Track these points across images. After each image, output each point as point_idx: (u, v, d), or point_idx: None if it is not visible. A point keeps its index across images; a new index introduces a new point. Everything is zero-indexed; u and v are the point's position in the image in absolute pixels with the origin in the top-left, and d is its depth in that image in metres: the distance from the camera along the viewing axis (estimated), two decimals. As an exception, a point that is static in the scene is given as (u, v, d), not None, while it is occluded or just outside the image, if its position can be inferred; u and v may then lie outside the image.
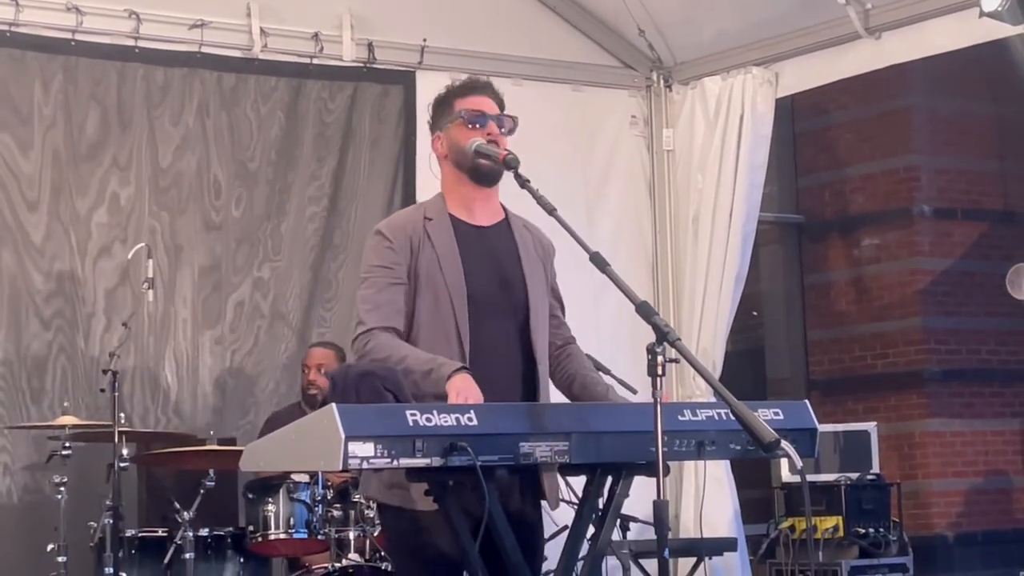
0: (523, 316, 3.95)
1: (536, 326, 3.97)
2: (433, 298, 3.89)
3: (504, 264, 3.99)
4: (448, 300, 3.88)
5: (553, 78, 8.08)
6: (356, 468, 3.32)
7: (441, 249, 3.92)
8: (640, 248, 8.26)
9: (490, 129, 3.98)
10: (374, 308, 3.89)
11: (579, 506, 3.88)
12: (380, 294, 3.90)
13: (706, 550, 7.45)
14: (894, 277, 10.07)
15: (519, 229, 4.08)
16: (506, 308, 3.94)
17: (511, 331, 3.94)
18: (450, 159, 4.03)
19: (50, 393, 6.75)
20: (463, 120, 3.98)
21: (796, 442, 3.64)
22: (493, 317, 3.92)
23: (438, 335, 3.87)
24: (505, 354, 3.92)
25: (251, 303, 7.28)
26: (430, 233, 3.94)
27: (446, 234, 3.95)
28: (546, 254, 4.12)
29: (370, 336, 3.86)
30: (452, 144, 4.01)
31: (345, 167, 7.56)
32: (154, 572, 6.10)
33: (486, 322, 3.90)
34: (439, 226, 3.96)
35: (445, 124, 4.03)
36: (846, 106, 10.24)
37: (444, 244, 3.93)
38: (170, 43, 7.15)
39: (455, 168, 4.02)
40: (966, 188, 10.25)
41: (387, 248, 3.93)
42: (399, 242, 3.93)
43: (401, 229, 3.96)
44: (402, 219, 4.04)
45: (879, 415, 9.66)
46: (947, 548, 9.72)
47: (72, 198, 6.91)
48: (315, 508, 6.13)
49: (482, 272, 3.94)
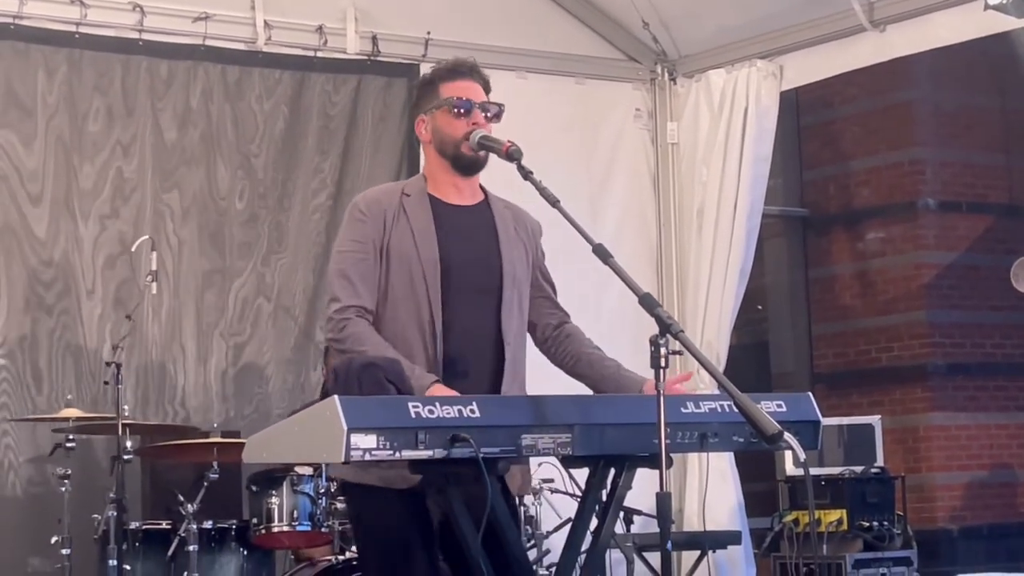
0: (497, 294, 3.95)
1: (508, 304, 3.95)
2: (407, 272, 3.89)
3: (480, 242, 3.98)
4: (421, 274, 3.88)
5: (557, 71, 8.08)
6: (359, 460, 3.32)
7: (417, 224, 3.92)
8: (644, 241, 8.26)
9: (475, 118, 3.97)
10: (348, 284, 3.89)
11: (582, 499, 3.87)
12: (353, 269, 3.91)
13: (710, 543, 7.45)
14: (899, 271, 10.06)
15: (499, 209, 4.07)
16: (480, 285, 3.94)
17: (484, 308, 3.93)
18: (433, 144, 4.02)
19: (54, 386, 6.75)
20: (448, 107, 3.96)
21: (799, 434, 3.63)
22: (466, 293, 3.91)
23: (409, 308, 3.87)
24: (476, 330, 3.91)
25: (255, 296, 7.28)
26: (407, 208, 3.94)
27: (423, 210, 3.95)
28: (530, 234, 4.09)
29: (346, 320, 3.85)
30: (436, 130, 4.00)
31: (349, 160, 7.56)
32: (158, 564, 6.10)
33: (459, 297, 3.89)
34: (416, 202, 3.96)
35: (430, 108, 4.01)
36: (851, 99, 10.23)
37: (420, 219, 3.93)
38: (174, 36, 7.14)
39: (437, 154, 4.01)
40: (971, 182, 10.24)
41: (359, 221, 3.95)
42: (372, 215, 3.94)
43: (376, 203, 3.97)
44: (379, 193, 4.05)
45: (883, 408, 9.66)
46: (951, 542, 9.72)
47: (76, 191, 6.92)
48: (319, 501, 6.13)
49: (457, 248, 3.93)
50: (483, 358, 3.92)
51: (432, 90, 4.03)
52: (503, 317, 3.94)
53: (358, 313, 3.87)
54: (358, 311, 3.87)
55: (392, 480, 3.75)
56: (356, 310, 3.87)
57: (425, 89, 4.06)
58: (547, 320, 4.10)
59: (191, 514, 6.01)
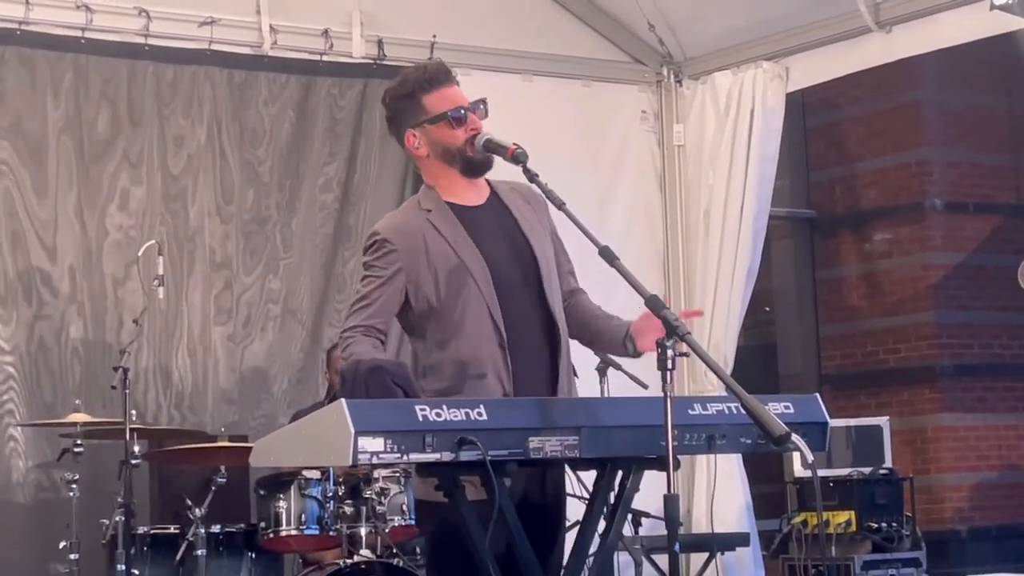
0: (537, 284, 3.93)
1: (551, 292, 3.94)
2: (459, 284, 3.85)
3: (509, 236, 3.97)
4: (474, 284, 3.85)
5: (563, 74, 8.09)
6: (366, 463, 3.32)
7: (452, 236, 3.89)
8: (651, 243, 8.26)
9: (472, 122, 3.94)
10: (364, 307, 3.88)
11: (589, 501, 3.87)
12: (376, 292, 3.88)
13: (718, 545, 7.45)
14: (906, 272, 10.05)
15: (509, 197, 4.04)
16: (522, 279, 3.92)
17: (531, 301, 3.92)
18: (434, 158, 3.96)
19: (62, 390, 6.76)
20: (448, 122, 3.91)
21: (807, 436, 3.63)
22: (513, 290, 3.90)
23: (473, 324, 3.83)
24: (530, 324, 3.89)
25: (263, 300, 7.29)
26: (435, 223, 3.91)
27: (450, 221, 3.92)
28: (538, 208, 4.06)
29: (352, 339, 3.84)
30: (435, 143, 3.94)
31: (355, 164, 7.57)
32: (166, 569, 6.11)
33: (510, 297, 3.88)
34: (441, 215, 3.92)
35: (418, 122, 3.94)
36: (857, 100, 10.22)
37: (454, 233, 3.90)
38: (180, 41, 7.16)
39: (442, 163, 3.96)
40: (978, 182, 10.22)
41: (389, 251, 3.88)
42: (401, 243, 3.88)
43: (403, 228, 3.91)
44: (400, 219, 3.98)
45: (891, 410, 9.64)
46: (960, 542, 9.70)
47: (83, 196, 6.93)
48: (327, 504, 6.13)
49: (494, 250, 3.92)
50: (540, 347, 3.91)
51: (414, 103, 3.95)
52: (550, 302, 3.93)
53: (365, 332, 3.85)
54: (365, 330, 3.85)
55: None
56: (363, 329, 3.85)
57: (405, 103, 3.97)
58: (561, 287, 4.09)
59: (199, 518, 6.02)
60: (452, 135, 3.93)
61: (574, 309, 4.09)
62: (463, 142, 3.93)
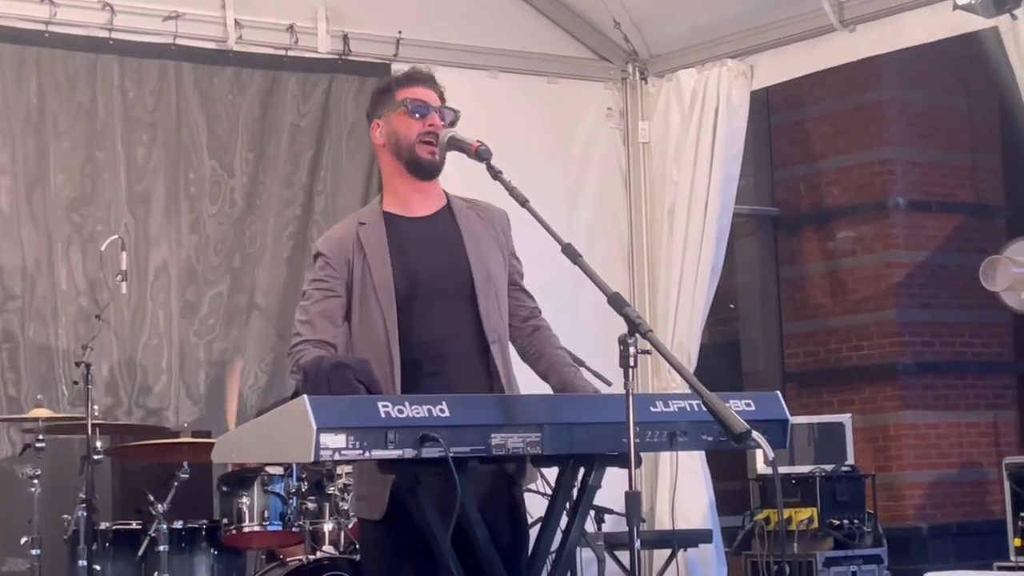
0: (471, 297, 3.95)
1: (486, 304, 3.95)
2: (366, 301, 3.91)
3: (444, 248, 3.98)
4: (376, 301, 3.89)
5: (529, 70, 8.09)
6: (328, 460, 3.32)
7: (371, 253, 3.93)
8: (616, 241, 8.28)
9: (432, 120, 3.97)
10: (307, 322, 3.93)
11: (552, 498, 3.88)
12: (316, 305, 3.93)
13: (681, 542, 7.46)
14: (869, 270, 10.10)
15: (461, 211, 4.06)
16: (451, 292, 3.94)
17: (462, 313, 3.93)
18: (388, 148, 4.02)
19: (24, 385, 6.72)
20: (406, 109, 3.97)
21: (768, 433, 3.65)
22: (438, 303, 3.92)
23: (368, 335, 3.89)
24: (456, 339, 3.92)
25: (229, 296, 7.27)
26: (362, 239, 3.96)
27: (377, 236, 3.96)
28: (498, 229, 4.09)
29: (301, 352, 3.87)
30: (391, 133, 4.00)
31: (321, 159, 7.56)
32: (128, 565, 6.09)
33: (429, 310, 3.90)
34: (371, 230, 3.97)
35: (385, 112, 4.02)
36: (821, 99, 10.27)
37: (374, 246, 3.94)
38: (144, 35, 7.13)
39: (393, 158, 4.02)
40: (940, 181, 10.28)
41: (324, 263, 3.96)
42: (335, 257, 3.96)
43: (338, 243, 3.99)
44: (338, 232, 4.05)
45: (854, 407, 9.69)
46: (921, 539, 9.76)
47: (46, 190, 6.89)
48: (290, 500, 6.13)
49: (416, 263, 3.94)
50: (470, 364, 3.92)
51: (388, 96, 4.03)
52: (482, 316, 3.94)
53: (316, 345, 3.88)
54: (316, 343, 3.89)
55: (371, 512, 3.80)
56: (314, 343, 3.89)
57: (381, 96, 4.06)
58: (515, 311, 4.10)
59: (161, 514, 6.00)
60: (407, 126, 3.96)
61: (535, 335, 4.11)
62: (414, 137, 3.95)
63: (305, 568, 5.92)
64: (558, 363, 4.07)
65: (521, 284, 4.15)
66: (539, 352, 4.09)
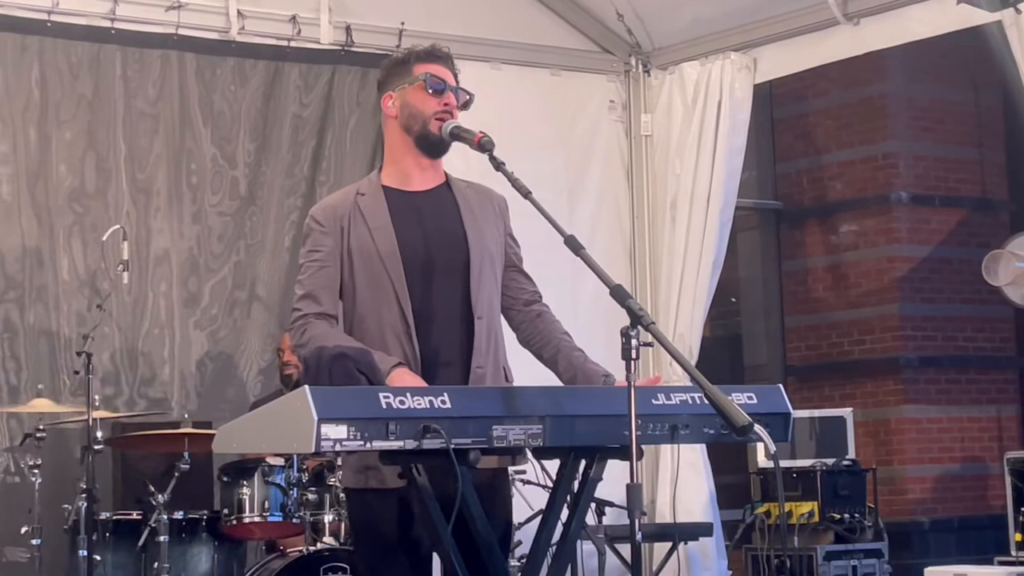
0: (465, 270, 3.94)
1: (478, 278, 3.94)
2: (371, 270, 3.89)
3: (442, 221, 3.97)
4: (384, 270, 3.88)
5: (532, 62, 8.08)
6: (329, 450, 3.32)
7: (373, 222, 3.91)
8: (618, 233, 8.27)
9: (448, 99, 3.96)
10: (308, 294, 3.92)
11: (553, 490, 3.87)
12: (313, 278, 3.92)
13: (681, 535, 7.46)
14: (871, 264, 10.09)
15: (460, 190, 4.05)
16: (448, 265, 3.93)
17: (455, 290, 3.92)
18: (399, 121, 3.99)
19: (25, 375, 6.72)
20: (424, 83, 3.95)
21: (770, 426, 3.65)
22: (435, 278, 3.91)
23: (380, 305, 3.87)
24: (448, 312, 3.90)
25: (230, 286, 7.27)
26: (362, 208, 3.94)
27: (378, 204, 3.94)
28: (497, 211, 4.07)
29: (306, 325, 3.87)
30: (405, 105, 3.97)
31: (323, 150, 7.55)
32: (128, 555, 6.10)
33: (429, 284, 3.89)
34: (371, 200, 3.96)
35: (401, 84, 3.99)
36: (824, 92, 10.25)
37: (376, 216, 3.92)
38: (147, 25, 7.12)
39: (403, 132, 3.99)
40: (943, 175, 10.27)
41: (319, 232, 3.94)
42: (330, 224, 3.93)
43: (332, 210, 3.97)
44: (334, 200, 4.04)
45: (855, 401, 9.69)
46: (922, 534, 9.76)
47: (48, 180, 6.88)
48: (290, 491, 6.13)
49: (417, 235, 3.93)
50: (455, 336, 3.91)
51: (405, 69, 4.00)
52: (472, 291, 3.92)
53: (318, 316, 3.88)
54: (318, 315, 3.88)
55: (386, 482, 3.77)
56: (316, 315, 3.88)
57: (397, 68, 4.03)
58: (516, 295, 4.08)
59: (162, 504, 6.01)
60: (424, 101, 3.95)
61: (538, 320, 4.09)
62: (430, 113, 3.94)
63: (305, 559, 5.92)
64: (566, 347, 4.04)
65: (520, 267, 4.13)
66: (545, 338, 4.07)
